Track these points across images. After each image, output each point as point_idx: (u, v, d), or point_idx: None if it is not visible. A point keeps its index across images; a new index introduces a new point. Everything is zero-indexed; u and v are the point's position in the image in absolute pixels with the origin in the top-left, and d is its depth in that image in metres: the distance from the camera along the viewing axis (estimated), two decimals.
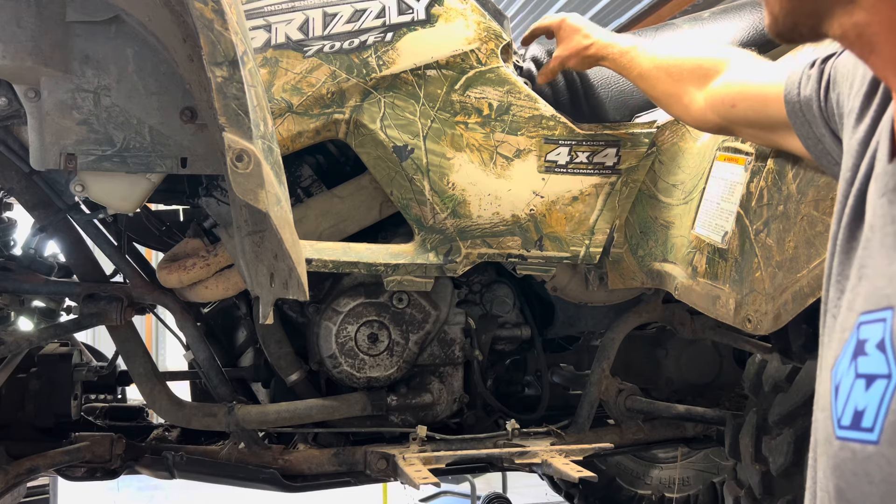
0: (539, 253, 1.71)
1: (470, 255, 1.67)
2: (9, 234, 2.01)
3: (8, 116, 1.61)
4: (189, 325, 1.95)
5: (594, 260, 1.75)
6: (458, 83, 1.60)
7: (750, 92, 1.18)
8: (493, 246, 1.68)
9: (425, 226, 1.64)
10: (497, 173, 1.63)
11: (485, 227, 1.66)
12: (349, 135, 1.56)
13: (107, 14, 1.42)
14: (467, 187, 1.62)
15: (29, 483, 2.27)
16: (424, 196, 1.60)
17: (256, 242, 1.26)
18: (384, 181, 1.62)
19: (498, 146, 1.63)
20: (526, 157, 1.64)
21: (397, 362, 1.96)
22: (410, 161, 1.58)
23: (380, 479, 1.98)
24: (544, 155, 1.65)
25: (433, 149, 1.58)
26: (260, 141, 1.06)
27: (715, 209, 1.58)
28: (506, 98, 1.62)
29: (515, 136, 1.63)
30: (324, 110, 1.52)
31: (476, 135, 1.61)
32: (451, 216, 1.63)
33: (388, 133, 1.56)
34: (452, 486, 4.36)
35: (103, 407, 2.15)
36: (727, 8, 1.96)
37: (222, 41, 1.02)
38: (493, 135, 1.62)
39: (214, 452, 1.94)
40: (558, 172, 1.66)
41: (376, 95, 1.55)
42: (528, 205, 1.67)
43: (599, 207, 1.72)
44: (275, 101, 1.44)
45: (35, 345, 1.90)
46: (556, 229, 1.70)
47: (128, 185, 1.59)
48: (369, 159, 1.61)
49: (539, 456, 1.89)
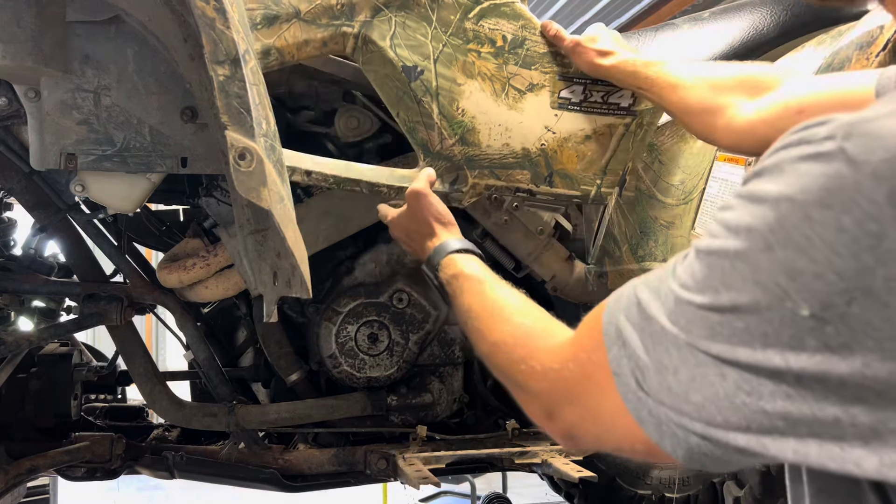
0: (548, 189, 1.65)
1: (477, 185, 1.61)
2: (9, 234, 2.01)
3: (8, 116, 1.61)
4: (189, 325, 1.95)
5: (604, 200, 1.71)
6: (471, 12, 1.54)
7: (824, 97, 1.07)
8: (502, 178, 1.62)
9: (432, 151, 1.57)
10: (509, 104, 1.57)
11: (493, 158, 1.60)
12: (357, 50, 1.50)
13: (107, 14, 1.42)
14: (477, 115, 1.56)
15: (29, 483, 2.26)
16: (432, 119, 1.53)
17: (259, 241, 1.26)
18: (391, 101, 1.56)
19: (510, 78, 1.57)
20: (539, 92, 1.58)
21: (397, 362, 1.96)
22: (420, 82, 1.51)
23: (380, 479, 1.98)
24: (558, 91, 1.59)
25: (444, 73, 1.52)
26: (262, 139, 1.06)
27: (715, 209, 1.58)
28: (520, 32, 1.56)
29: (529, 69, 1.57)
30: (332, 21, 1.45)
31: (488, 64, 1.55)
32: (460, 143, 1.56)
33: (398, 52, 1.49)
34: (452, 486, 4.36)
35: (103, 407, 2.15)
36: (727, 8, 1.97)
37: (224, 40, 1.02)
38: (506, 67, 1.56)
39: (214, 452, 1.94)
40: (571, 110, 1.60)
41: (387, 13, 1.48)
42: (539, 139, 1.61)
43: (612, 148, 1.66)
44: (282, 5, 1.37)
45: (35, 345, 1.90)
46: (566, 166, 1.64)
47: (128, 185, 1.59)
48: (376, 78, 1.54)
49: (539, 456, 1.89)
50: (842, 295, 0.48)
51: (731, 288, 0.53)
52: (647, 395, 0.59)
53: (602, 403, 0.64)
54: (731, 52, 1.85)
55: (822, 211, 0.48)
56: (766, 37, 1.84)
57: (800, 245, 0.49)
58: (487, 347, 0.89)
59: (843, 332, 0.48)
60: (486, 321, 0.93)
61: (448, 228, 1.28)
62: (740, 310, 0.52)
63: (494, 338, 0.88)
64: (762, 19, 1.86)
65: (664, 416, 0.57)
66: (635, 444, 0.61)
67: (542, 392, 0.73)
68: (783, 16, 1.85)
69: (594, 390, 0.65)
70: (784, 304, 0.50)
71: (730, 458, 0.56)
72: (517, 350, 0.80)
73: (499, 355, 0.85)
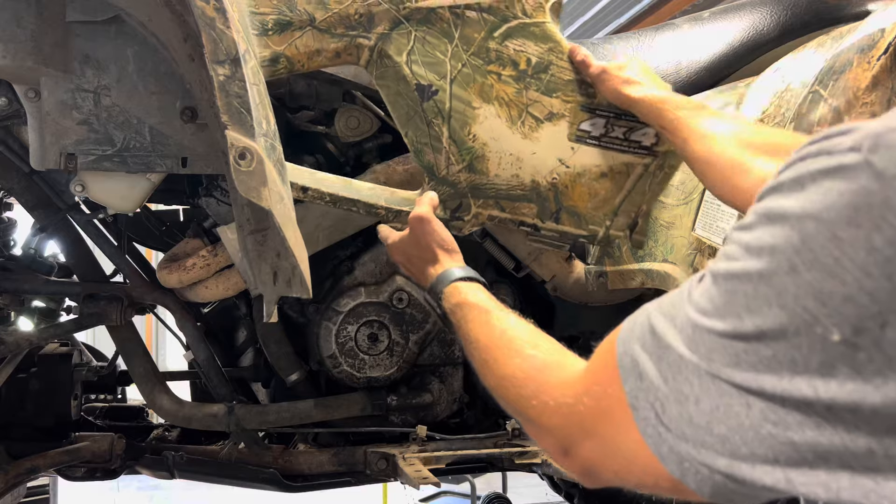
0: (554, 226, 1.59)
1: (480, 214, 1.55)
2: (9, 234, 2.01)
3: (8, 116, 1.61)
4: (189, 325, 1.95)
5: (612, 243, 1.65)
6: (497, 30, 1.47)
7: None
8: (507, 210, 1.56)
9: (437, 175, 1.51)
10: (524, 133, 1.50)
11: (500, 189, 1.54)
12: (371, 63, 1.44)
13: (107, 14, 1.42)
14: (489, 142, 1.49)
15: (29, 483, 2.26)
16: (441, 143, 1.48)
17: (259, 241, 1.26)
18: (401, 120, 1.51)
19: (529, 105, 1.49)
20: (557, 122, 1.51)
21: (397, 362, 1.96)
22: (432, 103, 1.45)
23: (380, 479, 1.98)
24: (578, 123, 1.51)
25: (459, 94, 1.46)
26: (262, 139, 1.06)
27: (715, 210, 1.58)
28: (546, 56, 1.49)
29: (550, 97, 1.49)
30: (348, 31, 1.39)
31: (508, 88, 1.48)
32: (467, 170, 1.51)
33: (414, 69, 1.43)
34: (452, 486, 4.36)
35: (103, 407, 2.15)
36: (727, 8, 1.97)
37: (224, 39, 1.02)
38: (527, 92, 1.49)
39: (214, 452, 1.94)
40: (590, 144, 1.52)
41: (407, 27, 1.42)
42: (551, 172, 1.53)
43: (628, 188, 1.58)
44: (297, 11, 1.33)
45: (35, 345, 1.90)
46: (576, 203, 1.57)
47: (128, 185, 1.59)
48: (388, 94, 1.49)
49: (539, 456, 1.89)
50: (875, 318, 0.45)
51: (754, 313, 0.50)
52: (667, 429, 0.56)
53: (620, 439, 0.61)
54: (731, 52, 1.85)
55: (850, 230, 0.46)
56: (767, 37, 1.84)
57: (828, 267, 0.46)
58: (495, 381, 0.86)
59: (876, 359, 0.45)
60: (493, 353, 0.90)
61: (452, 256, 1.24)
62: (766, 336, 0.50)
63: (503, 371, 0.85)
64: (762, 19, 1.86)
65: (686, 453, 0.55)
66: (658, 480, 0.59)
67: (556, 428, 0.70)
68: (783, 16, 1.85)
69: (611, 425, 0.62)
70: (813, 330, 0.47)
71: (757, 494, 0.54)
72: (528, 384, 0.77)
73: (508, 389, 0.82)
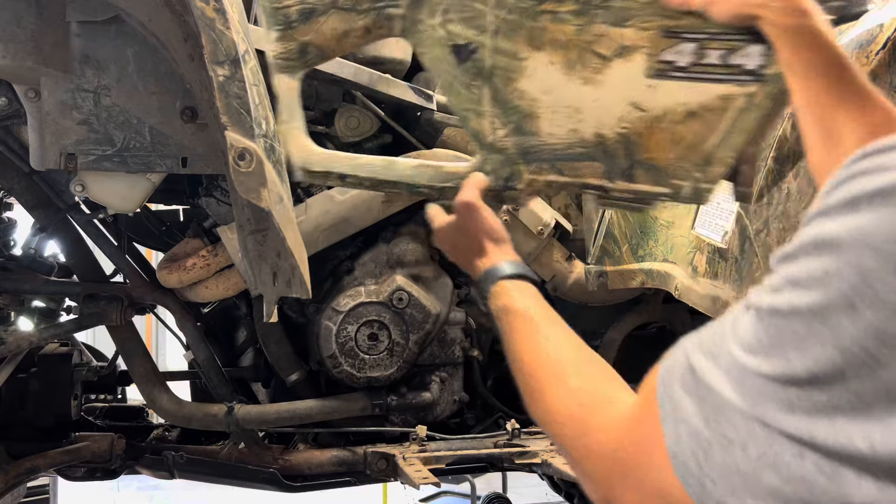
0: (626, 185, 1.31)
1: (535, 181, 1.32)
2: (9, 234, 2.01)
3: (8, 116, 1.61)
4: (189, 325, 1.95)
5: (703, 201, 1.32)
6: None
7: None
8: (566, 172, 1.31)
9: (484, 143, 1.30)
10: (584, 78, 1.24)
11: (556, 149, 1.30)
12: (406, 32, 1.26)
13: (107, 14, 1.42)
14: (539, 97, 1.26)
15: (29, 483, 2.26)
16: (482, 107, 1.27)
17: (259, 241, 1.26)
18: (444, 87, 1.33)
19: (594, 42, 1.21)
20: (631, 56, 1.21)
21: (397, 362, 1.96)
22: (471, 63, 1.25)
23: (380, 479, 1.98)
24: (658, 53, 1.20)
25: (502, 47, 1.23)
26: (262, 139, 1.06)
27: (715, 209, 1.58)
28: None
29: (622, 27, 1.20)
30: (374, 4, 1.23)
31: (566, 27, 1.21)
32: (514, 133, 1.28)
33: (449, 28, 1.23)
34: (452, 486, 4.36)
35: (103, 407, 2.15)
36: None
37: (224, 40, 1.02)
38: (591, 27, 1.20)
39: (214, 452, 1.94)
40: (674, 77, 1.21)
41: None
42: (620, 120, 1.26)
43: (725, 129, 1.24)
44: None
45: (35, 345, 1.90)
46: (654, 155, 1.27)
47: (128, 185, 1.59)
48: (427, 60, 1.31)
49: (539, 456, 1.89)
50: None
51: (806, 355, 0.46)
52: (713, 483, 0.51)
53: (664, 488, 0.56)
54: None
55: None
56: None
57: (891, 304, 0.42)
58: (541, 413, 0.80)
59: None
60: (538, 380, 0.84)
61: (500, 247, 1.14)
62: (819, 381, 0.45)
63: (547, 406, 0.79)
64: None
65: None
66: None
67: (599, 478, 0.65)
68: None
69: (653, 473, 0.57)
70: (875, 374, 0.43)
71: None
72: (572, 426, 0.72)
73: (552, 426, 0.77)
